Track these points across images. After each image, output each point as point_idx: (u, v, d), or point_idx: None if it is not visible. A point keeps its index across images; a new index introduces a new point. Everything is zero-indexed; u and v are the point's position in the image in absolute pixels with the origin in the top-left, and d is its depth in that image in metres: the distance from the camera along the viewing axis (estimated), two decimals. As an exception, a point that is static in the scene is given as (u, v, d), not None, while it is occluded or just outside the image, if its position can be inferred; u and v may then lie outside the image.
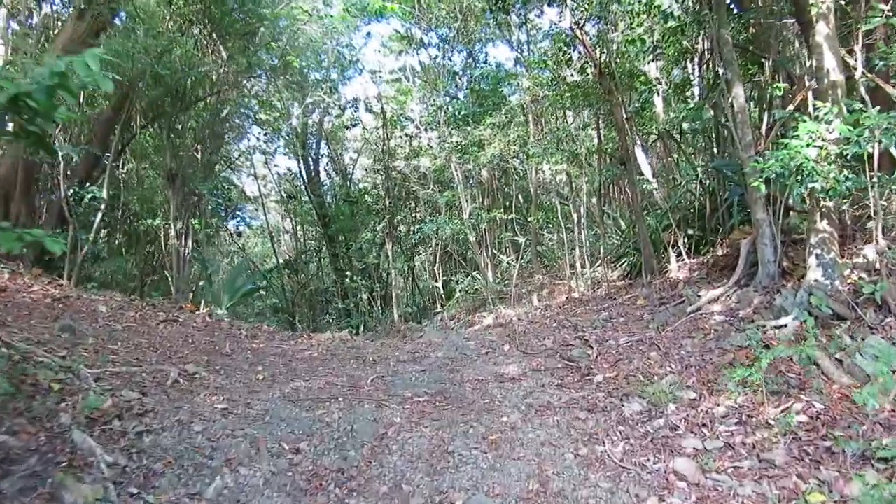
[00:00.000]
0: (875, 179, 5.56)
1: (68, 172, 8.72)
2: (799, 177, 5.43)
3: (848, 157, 5.43)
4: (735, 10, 8.76)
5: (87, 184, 8.99)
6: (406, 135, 16.93)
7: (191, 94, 8.95)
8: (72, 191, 8.67)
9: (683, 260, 8.82)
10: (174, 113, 8.76)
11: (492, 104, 13.51)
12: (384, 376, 6.27)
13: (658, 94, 11.29)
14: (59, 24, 9.85)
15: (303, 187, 19.28)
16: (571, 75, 11.16)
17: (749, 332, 6.02)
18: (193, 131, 9.41)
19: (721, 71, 7.04)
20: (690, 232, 10.11)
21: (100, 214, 8.80)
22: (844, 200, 6.60)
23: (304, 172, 19.70)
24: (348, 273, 15.80)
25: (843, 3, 6.87)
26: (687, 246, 9.44)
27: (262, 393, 5.43)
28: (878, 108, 5.27)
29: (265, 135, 16.58)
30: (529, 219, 14.21)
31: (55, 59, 3.06)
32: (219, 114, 10.27)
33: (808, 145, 5.33)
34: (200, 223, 8.42)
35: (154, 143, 9.84)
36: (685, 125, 11.35)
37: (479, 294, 14.55)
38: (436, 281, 16.43)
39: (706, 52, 9.79)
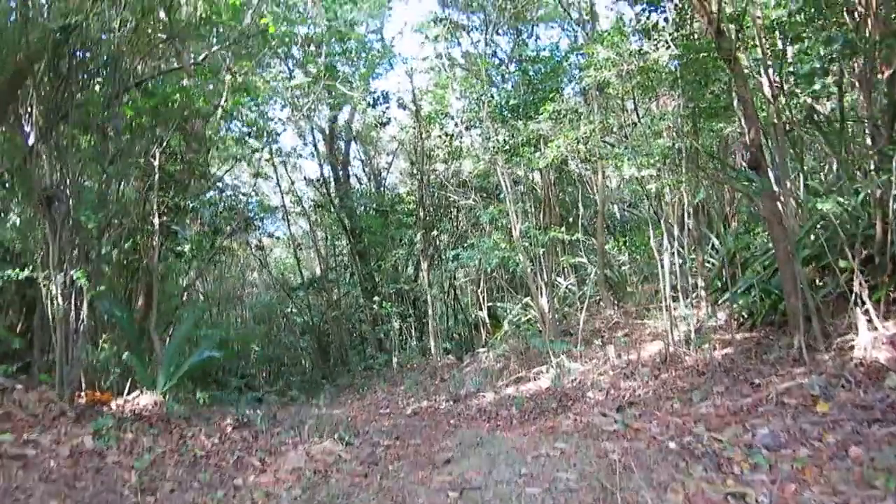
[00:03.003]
0: None
1: None
2: None
3: None
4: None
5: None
6: (446, 134, 13.51)
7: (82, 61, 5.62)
8: None
9: (874, 326, 5.13)
10: (59, 94, 5.43)
11: (548, 94, 9.95)
12: None
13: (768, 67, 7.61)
14: None
15: (329, 195, 16.03)
16: (656, 47, 7.58)
17: None
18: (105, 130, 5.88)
19: None
20: (844, 264, 6.48)
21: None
22: None
23: (332, 178, 16.50)
24: (376, 299, 12.49)
25: None
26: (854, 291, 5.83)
27: None
28: None
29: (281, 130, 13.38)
30: (595, 239, 10.69)
31: None
32: (185, 108, 7.05)
33: None
34: (83, 274, 5.02)
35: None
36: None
37: (534, 325, 11.09)
38: (480, 309, 12.99)
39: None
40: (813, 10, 6.42)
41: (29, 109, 5.38)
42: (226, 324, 17.83)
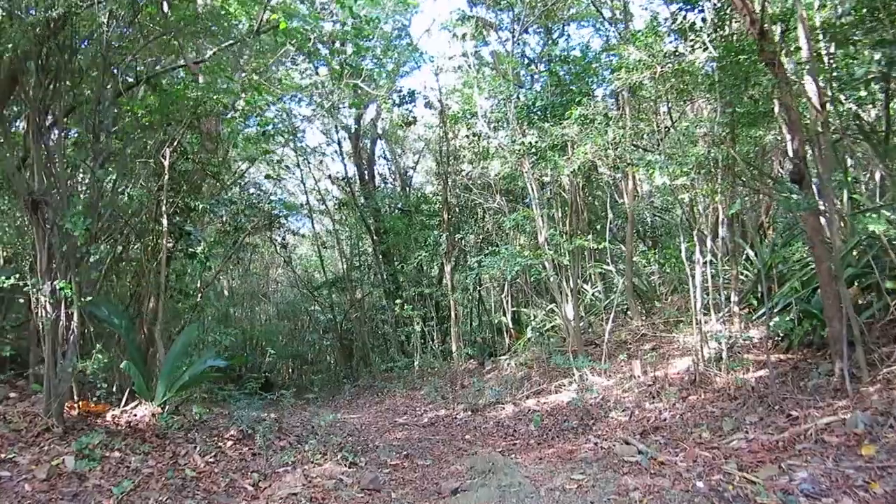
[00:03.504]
0: None
1: None
2: None
3: None
4: None
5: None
6: (473, 134, 13.14)
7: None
8: None
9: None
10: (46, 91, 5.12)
11: (577, 96, 9.48)
12: None
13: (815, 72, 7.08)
14: None
15: (353, 194, 15.79)
16: (692, 48, 7.11)
17: None
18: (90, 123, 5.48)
19: None
20: (891, 285, 6.02)
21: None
22: None
23: (356, 177, 16.27)
24: (398, 301, 12.20)
25: None
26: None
27: None
28: None
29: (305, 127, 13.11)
30: (623, 245, 10.24)
31: None
32: (196, 106, 6.81)
33: None
34: (67, 285, 4.71)
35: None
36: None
37: (558, 332, 10.72)
38: (504, 314, 12.65)
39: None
40: (864, 10, 5.94)
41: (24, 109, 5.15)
42: (249, 320, 17.75)
